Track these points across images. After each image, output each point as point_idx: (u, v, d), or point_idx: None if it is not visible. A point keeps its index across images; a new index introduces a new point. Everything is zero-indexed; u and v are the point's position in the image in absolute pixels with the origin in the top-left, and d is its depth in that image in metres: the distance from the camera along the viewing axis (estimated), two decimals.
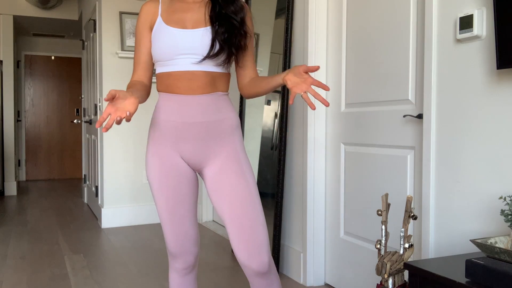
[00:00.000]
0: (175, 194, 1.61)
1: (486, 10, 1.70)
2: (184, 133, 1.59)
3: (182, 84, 1.58)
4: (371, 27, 2.39)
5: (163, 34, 1.57)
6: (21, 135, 7.92)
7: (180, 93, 1.58)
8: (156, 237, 4.02)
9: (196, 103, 1.58)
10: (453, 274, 1.35)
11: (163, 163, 1.60)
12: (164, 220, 1.63)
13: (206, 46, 1.55)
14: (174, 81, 1.58)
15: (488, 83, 1.70)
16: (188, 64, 1.57)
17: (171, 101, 1.59)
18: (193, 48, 1.56)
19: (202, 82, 1.58)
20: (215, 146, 1.60)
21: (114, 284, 2.85)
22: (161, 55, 1.58)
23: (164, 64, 1.60)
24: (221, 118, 1.61)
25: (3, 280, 2.93)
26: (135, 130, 4.54)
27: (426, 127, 1.94)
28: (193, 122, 1.58)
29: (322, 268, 2.81)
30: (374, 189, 2.39)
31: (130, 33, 4.44)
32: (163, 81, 1.61)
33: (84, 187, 5.80)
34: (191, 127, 1.58)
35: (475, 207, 1.75)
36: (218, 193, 1.59)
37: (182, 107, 1.58)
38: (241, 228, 1.54)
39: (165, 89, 1.61)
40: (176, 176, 1.61)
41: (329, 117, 2.76)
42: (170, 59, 1.57)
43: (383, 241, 1.72)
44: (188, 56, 1.56)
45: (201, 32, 1.56)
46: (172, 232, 1.63)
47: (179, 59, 1.57)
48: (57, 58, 8.18)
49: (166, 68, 1.60)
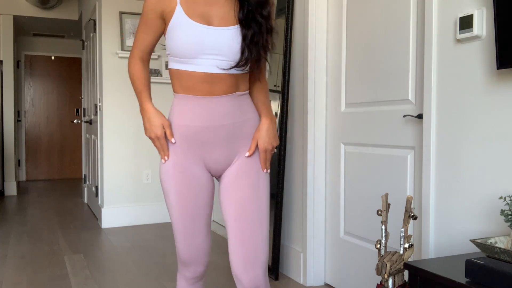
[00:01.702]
0: (193, 206, 1.53)
1: (486, 10, 1.70)
2: (210, 138, 1.49)
3: (204, 86, 1.46)
4: (371, 27, 2.39)
5: (185, 28, 1.43)
6: (21, 135, 7.92)
7: (201, 95, 1.47)
8: (156, 237, 4.02)
9: (220, 105, 1.48)
10: (453, 274, 1.35)
11: (185, 175, 1.51)
12: (178, 230, 1.56)
13: (233, 47, 1.45)
14: (195, 83, 1.46)
15: (488, 83, 1.70)
16: (213, 67, 1.45)
17: (192, 104, 1.48)
18: (219, 48, 1.44)
19: (225, 85, 1.48)
20: (238, 149, 1.54)
21: (114, 284, 2.85)
22: (182, 52, 1.44)
23: (184, 62, 1.46)
24: (244, 119, 1.54)
25: (3, 280, 2.93)
26: (135, 130, 4.54)
27: (426, 127, 1.94)
28: (218, 126, 1.49)
29: (322, 268, 2.81)
30: (374, 189, 2.39)
31: (130, 33, 4.44)
32: (182, 81, 1.48)
33: (84, 187, 5.80)
34: (217, 131, 1.49)
35: (475, 207, 1.75)
36: (228, 197, 1.53)
37: (205, 110, 1.48)
38: (242, 241, 1.49)
39: (184, 90, 1.49)
40: (196, 189, 1.52)
41: (329, 117, 2.76)
42: (193, 57, 1.44)
43: (383, 241, 1.72)
44: (213, 56, 1.44)
45: (228, 31, 1.45)
46: (185, 242, 1.56)
47: (202, 59, 1.44)
48: (57, 58, 8.18)
49: (186, 67, 1.46)
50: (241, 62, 1.45)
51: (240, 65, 1.46)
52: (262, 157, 1.56)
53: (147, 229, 4.35)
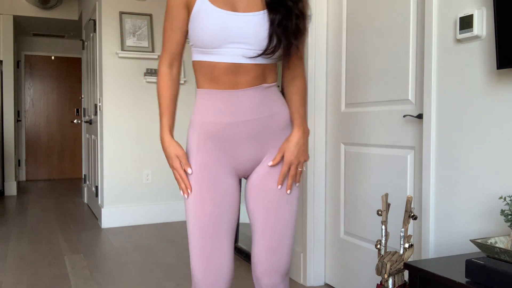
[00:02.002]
0: (217, 213, 1.39)
1: (486, 10, 1.70)
2: (235, 136, 1.39)
3: (228, 78, 1.36)
4: (371, 27, 2.39)
5: (209, 15, 1.33)
6: (21, 135, 7.92)
7: (225, 89, 1.37)
8: (156, 237, 4.02)
9: (245, 99, 1.38)
10: (453, 274, 1.35)
11: (209, 177, 1.39)
12: (195, 243, 1.39)
13: (259, 35, 1.34)
14: (219, 75, 1.37)
15: (488, 83, 1.69)
16: (238, 56, 1.34)
17: (216, 99, 1.39)
18: (245, 36, 1.34)
19: (251, 76, 1.38)
20: (268, 146, 1.43)
21: (114, 284, 2.85)
22: (205, 41, 1.34)
23: (207, 52, 1.36)
24: (273, 112, 1.43)
25: (3, 280, 2.93)
26: (135, 130, 4.54)
27: (426, 127, 1.94)
28: (243, 121, 1.39)
29: (322, 268, 2.81)
30: (374, 189, 2.39)
31: (130, 33, 4.44)
32: (205, 74, 1.39)
33: (84, 187, 5.80)
34: (242, 127, 1.39)
35: (475, 207, 1.75)
36: (257, 199, 1.44)
37: (231, 105, 1.38)
38: (269, 246, 1.43)
39: (208, 84, 1.39)
40: (221, 193, 1.40)
41: (329, 117, 2.76)
42: (217, 47, 1.34)
43: (383, 241, 1.72)
44: (238, 45, 1.34)
45: (255, 18, 1.35)
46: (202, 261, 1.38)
47: (227, 48, 1.34)
48: (57, 58, 8.18)
49: (209, 57, 1.36)
50: (269, 50, 1.34)
51: (268, 53, 1.35)
52: (284, 170, 1.42)
53: (147, 229, 4.35)
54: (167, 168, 4.67)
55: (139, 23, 4.48)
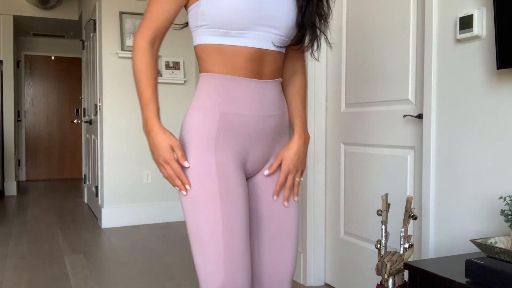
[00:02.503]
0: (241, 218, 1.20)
1: (486, 10, 1.70)
2: (259, 131, 1.23)
3: (253, 66, 1.19)
4: (371, 27, 2.39)
5: None
6: (21, 135, 7.92)
7: (248, 77, 1.19)
8: (156, 237, 4.02)
9: (270, 92, 1.23)
10: (453, 274, 1.35)
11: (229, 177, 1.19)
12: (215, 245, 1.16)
13: (289, 19, 1.20)
14: (244, 62, 1.18)
15: (488, 83, 1.70)
16: (267, 42, 1.18)
17: (240, 88, 1.19)
18: (276, 19, 1.18)
19: (275, 66, 1.23)
20: (276, 145, 1.30)
21: (114, 284, 2.85)
22: (232, 21, 1.13)
23: (231, 35, 1.16)
24: (284, 110, 1.30)
25: (3, 280, 2.93)
26: (135, 130, 4.54)
27: (426, 127, 1.94)
28: (268, 116, 1.23)
29: (322, 268, 2.81)
30: (374, 189, 2.39)
31: (130, 33, 4.44)
32: (225, 61, 1.18)
33: (84, 187, 5.80)
34: (267, 122, 1.24)
35: (475, 207, 1.75)
36: (257, 200, 1.31)
37: (258, 97, 1.21)
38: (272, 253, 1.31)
39: (228, 70, 1.19)
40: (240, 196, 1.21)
41: (329, 117, 2.76)
42: (245, 28, 1.15)
43: (383, 241, 1.72)
44: (268, 29, 1.17)
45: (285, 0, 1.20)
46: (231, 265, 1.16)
47: (256, 31, 1.16)
48: (57, 58, 8.18)
49: (234, 41, 1.16)
50: (297, 40, 1.23)
51: (295, 41, 1.23)
52: (281, 180, 1.28)
53: (147, 229, 4.35)
54: None
55: (139, 23, 4.48)
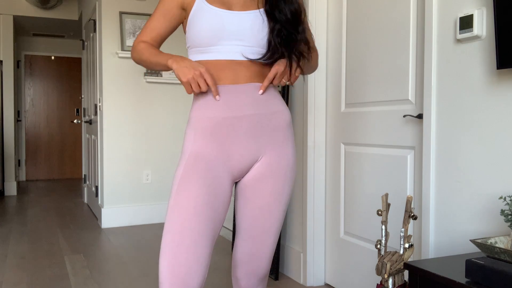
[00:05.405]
0: (211, 211, 1.33)
1: (486, 10, 1.70)
2: (234, 131, 1.37)
3: (225, 74, 1.38)
4: (371, 27, 2.39)
5: (205, 14, 1.37)
6: (21, 135, 7.92)
7: (224, 84, 1.38)
8: (156, 237, 4.02)
9: (243, 93, 1.38)
10: (453, 274, 1.35)
11: (208, 171, 1.35)
12: (174, 236, 1.29)
13: (254, 30, 1.37)
14: (218, 72, 1.38)
15: (488, 83, 1.70)
16: (236, 53, 1.37)
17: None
18: (241, 32, 1.37)
19: (250, 72, 1.40)
20: (266, 146, 1.41)
21: (114, 284, 2.85)
22: (202, 39, 1.37)
23: (205, 51, 1.39)
24: (273, 111, 1.42)
25: (3, 280, 2.93)
26: (135, 130, 4.54)
27: (426, 127, 1.94)
28: (243, 116, 1.37)
29: (322, 268, 2.81)
30: (374, 189, 2.39)
31: (130, 33, 4.44)
32: None
33: (84, 187, 5.80)
34: (241, 122, 1.37)
35: (475, 207, 1.75)
36: (246, 204, 1.44)
37: (229, 100, 1.37)
38: (250, 254, 1.47)
39: None
40: (218, 191, 1.35)
41: (329, 117, 2.76)
42: (213, 44, 1.37)
43: (383, 241, 1.72)
44: (235, 42, 1.37)
45: (250, 15, 1.39)
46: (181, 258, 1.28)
47: (224, 46, 1.37)
48: (57, 58, 8.18)
49: (206, 56, 1.39)
50: (266, 58, 1.39)
51: (266, 59, 1.39)
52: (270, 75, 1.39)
53: (147, 229, 4.35)
54: (167, 168, 4.67)
55: (139, 23, 4.48)
